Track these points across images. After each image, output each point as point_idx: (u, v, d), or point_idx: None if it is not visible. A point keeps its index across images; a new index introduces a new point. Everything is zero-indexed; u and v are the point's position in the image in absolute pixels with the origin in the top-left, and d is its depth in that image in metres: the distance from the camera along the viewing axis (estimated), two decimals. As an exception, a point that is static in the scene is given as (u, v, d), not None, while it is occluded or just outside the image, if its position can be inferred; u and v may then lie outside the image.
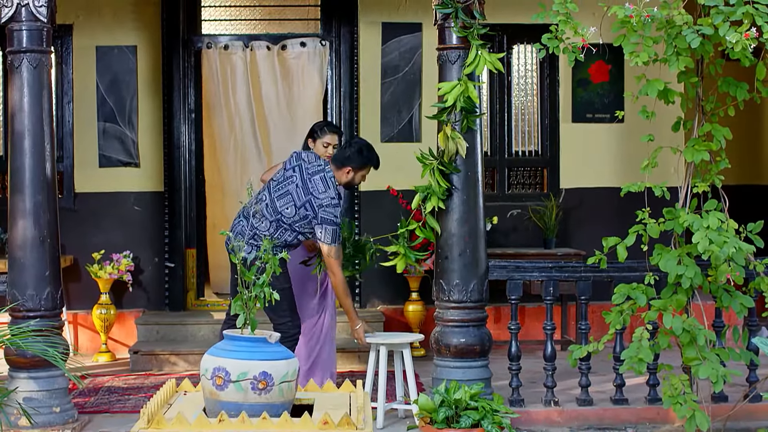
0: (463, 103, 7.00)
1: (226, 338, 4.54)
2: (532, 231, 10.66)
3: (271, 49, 10.73)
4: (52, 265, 7.15)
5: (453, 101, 7.00)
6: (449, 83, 7.05)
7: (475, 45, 7.01)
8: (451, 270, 7.21)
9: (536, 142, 10.92)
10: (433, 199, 7.02)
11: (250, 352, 4.42)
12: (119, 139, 10.44)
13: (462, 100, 7.00)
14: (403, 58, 10.53)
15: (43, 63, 7.12)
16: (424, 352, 10.10)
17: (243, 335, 4.44)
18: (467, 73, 7.04)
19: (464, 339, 7.20)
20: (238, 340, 4.46)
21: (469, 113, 7.07)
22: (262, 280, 4.16)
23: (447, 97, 7.03)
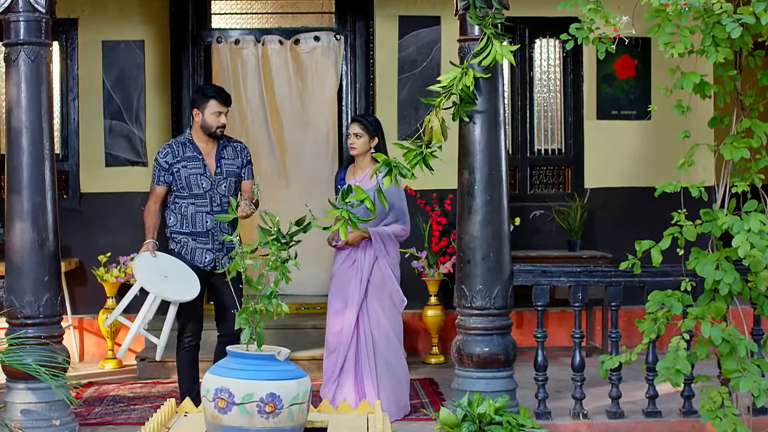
0: (460, 91, 6.59)
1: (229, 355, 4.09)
2: (555, 232, 10.28)
3: (284, 43, 10.37)
4: (51, 270, 6.76)
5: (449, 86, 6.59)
6: (453, 70, 6.65)
7: (488, 34, 6.59)
8: (473, 275, 6.81)
9: (559, 140, 10.56)
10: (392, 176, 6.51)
11: (256, 371, 3.97)
12: (126, 138, 10.10)
13: (459, 88, 6.59)
14: (420, 53, 10.15)
15: (41, 56, 6.74)
16: (444, 358, 9.74)
17: (248, 352, 4.01)
18: (472, 62, 6.64)
19: (488, 348, 6.80)
20: (243, 357, 4.01)
21: (463, 103, 6.66)
22: (269, 290, 3.75)
23: (444, 81, 6.64)
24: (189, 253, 7.41)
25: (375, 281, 7.55)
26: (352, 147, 7.60)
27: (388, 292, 7.56)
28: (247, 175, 7.55)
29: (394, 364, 7.52)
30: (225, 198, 7.44)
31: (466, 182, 6.84)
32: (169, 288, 7.08)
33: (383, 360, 7.48)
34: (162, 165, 7.43)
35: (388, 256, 7.55)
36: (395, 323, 7.61)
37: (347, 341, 7.48)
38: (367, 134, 7.57)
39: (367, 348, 7.47)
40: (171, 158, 7.41)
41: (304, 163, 10.40)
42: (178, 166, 7.41)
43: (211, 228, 7.40)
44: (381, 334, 7.49)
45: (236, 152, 7.53)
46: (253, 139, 10.44)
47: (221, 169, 7.44)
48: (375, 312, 7.53)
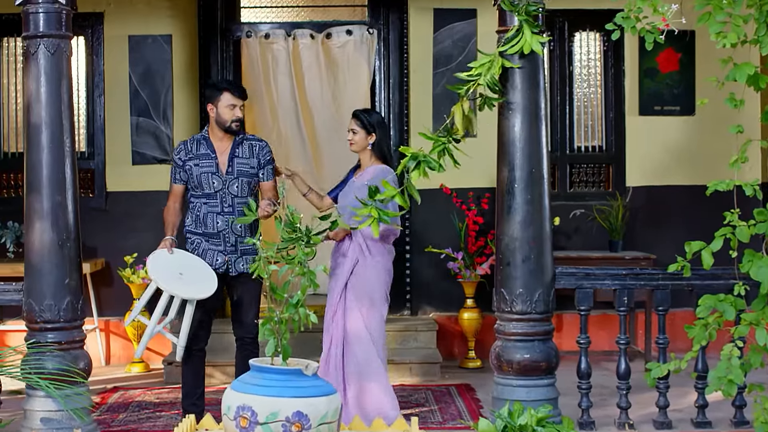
0: (488, 80, 6.26)
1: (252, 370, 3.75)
2: (596, 232, 9.96)
3: (315, 37, 10.08)
4: (72, 272, 6.47)
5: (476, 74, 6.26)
6: (483, 58, 6.32)
7: (520, 21, 6.26)
8: (513, 278, 6.48)
9: (600, 136, 10.24)
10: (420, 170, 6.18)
11: (281, 387, 3.62)
12: (153, 135, 9.86)
13: (487, 77, 6.25)
14: (456, 47, 9.85)
15: (61, 49, 6.45)
16: (480, 363, 9.44)
17: (273, 366, 3.66)
18: (502, 51, 6.31)
19: (528, 355, 6.47)
20: (267, 372, 3.66)
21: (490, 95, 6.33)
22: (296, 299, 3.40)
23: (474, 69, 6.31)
24: (201, 254, 7.14)
25: (354, 280, 7.18)
26: (350, 142, 7.32)
27: (368, 295, 7.16)
28: (266, 176, 7.22)
29: (364, 367, 7.09)
30: (238, 198, 7.12)
31: (505, 180, 6.51)
32: (183, 285, 6.80)
33: (354, 360, 7.12)
34: (177, 162, 7.20)
35: (369, 254, 7.16)
36: (373, 325, 7.15)
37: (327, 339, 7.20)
38: (364, 130, 7.25)
39: (337, 350, 7.14)
40: (184, 155, 7.17)
41: (336, 162, 10.06)
42: (191, 163, 7.14)
43: (222, 229, 7.11)
44: (353, 333, 7.12)
45: (252, 151, 7.20)
46: (284, 138, 10.17)
47: (233, 168, 7.13)
48: (351, 311, 7.15)
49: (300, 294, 3.48)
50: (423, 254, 9.65)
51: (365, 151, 7.26)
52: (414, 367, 8.99)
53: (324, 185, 10.12)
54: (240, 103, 7.12)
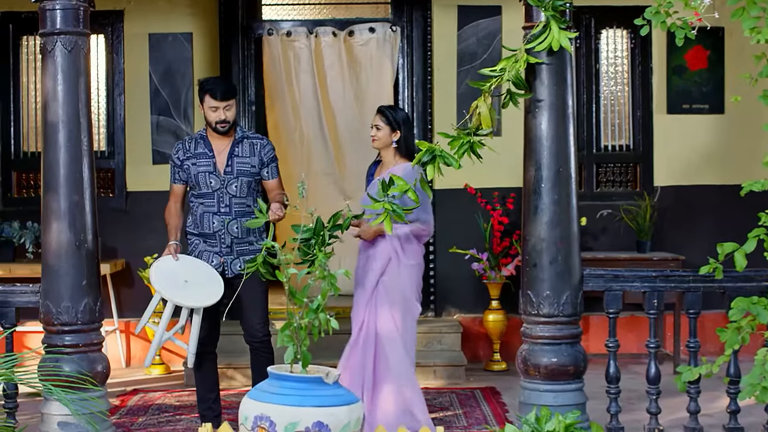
0: (513, 77, 6.10)
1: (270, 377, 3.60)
2: (623, 233, 9.79)
3: (338, 35, 9.95)
4: (90, 273, 6.35)
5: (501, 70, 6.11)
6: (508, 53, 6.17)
7: (547, 16, 6.10)
8: (540, 279, 6.31)
9: (627, 135, 10.07)
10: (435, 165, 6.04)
11: (301, 396, 3.47)
12: (174, 134, 9.75)
13: (511, 73, 6.10)
14: (480, 45, 9.70)
15: (79, 46, 6.32)
16: (506, 366, 9.29)
17: (292, 374, 3.51)
18: (528, 47, 6.15)
19: (556, 358, 6.30)
20: (286, 380, 3.51)
21: (515, 91, 6.17)
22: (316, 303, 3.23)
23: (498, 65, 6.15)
24: (198, 255, 7.04)
25: (387, 282, 6.98)
26: (373, 139, 7.12)
27: (400, 296, 6.98)
28: (270, 174, 7.06)
29: (395, 369, 6.90)
30: (236, 199, 6.98)
31: (532, 180, 6.35)
32: (188, 293, 6.68)
33: (384, 362, 6.94)
34: (175, 162, 7.08)
35: (404, 256, 6.98)
36: (404, 327, 6.97)
37: (352, 341, 7.01)
38: (389, 127, 7.05)
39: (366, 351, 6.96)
40: (182, 154, 7.04)
41: (359, 163, 9.91)
42: (188, 163, 7.02)
43: (218, 230, 6.98)
44: (384, 335, 6.92)
45: (254, 149, 7.02)
46: (306, 138, 10.05)
47: (232, 167, 6.97)
48: (383, 312, 6.95)
49: (320, 298, 3.31)
50: (447, 255, 9.50)
51: (388, 148, 7.08)
52: (438, 369, 8.85)
53: (346, 187, 10.01)
54: (222, 104, 6.89)
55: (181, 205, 7.13)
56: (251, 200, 6.98)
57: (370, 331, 6.95)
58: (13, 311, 6.46)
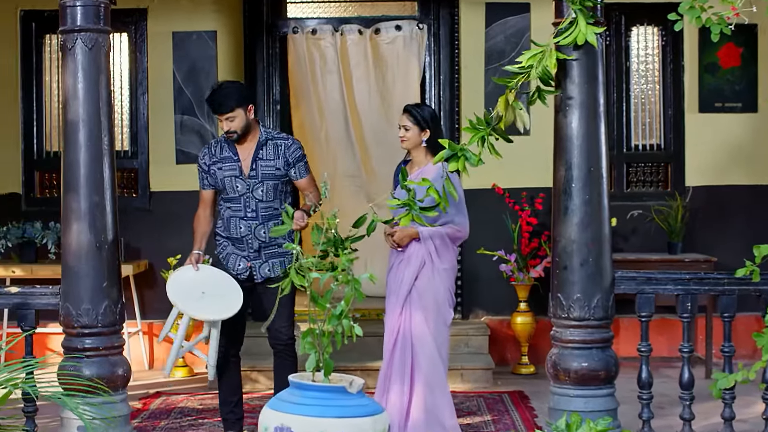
0: (540, 72, 5.93)
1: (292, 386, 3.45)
2: (654, 234, 9.62)
3: (363, 33, 9.82)
4: (110, 275, 6.22)
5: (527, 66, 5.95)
6: (535, 49, 6.01)
7: (575, 11, 5.94)
8: (570, 282, 6.15)
9: (658, 134, 9.91)
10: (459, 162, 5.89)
11: (323, 406, 3.32)
12: (198, 133, 9.65)
13: (539, 69, 5.93)
14: (509, 42, 9.55)
15: (99, 44, 6.20)
16: (534, 369, 9.14)
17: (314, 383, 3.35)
18: (555, 42, 5.98)
19: (586, 363, 6.13)
20: (308, 389, 3.35)
21: (543, 87, 6.00)
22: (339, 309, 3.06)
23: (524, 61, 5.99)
24: (225, 258, 6.94)
25: (420, 287, 6.77)
26: (402, 140, 6.90)
27: (434, 301, 6.79)
28: (298, 173, 6.89)
29: (428, 374, 6.72)
30: (262, 203, 6.85)
31: (562, 180, 6.18)
32: (205, 306, 6.58)
33: (417, 366, 6.77)
34: (202, 167, 6.93)
35: (439, 260, 6.79)
36: (437, 331, 6.78)
37: (389, 347, 6.80)
38: (417, 126, 6.84)
39: (404, 356, 6.78)
40: (208, 159, 6.90)
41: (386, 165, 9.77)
42: (215, 168, 6.88)
43: (245, 235, 6.85)
44: (417, 338, 6.75)
45: (278, 151, 6.84)
46: (332, 140, 9.93)
47: (256, 171, 6.82)
48: (416, 315, 6.75)
49: (344, 304, 3.13)
50: (475, 256, 9.34)
51: (419, 148, 6.90)
52: (465, 373, 8.69)
53: (372, 190, 9.86)
54: (222, 117, 6.75)
55: (211, 211, 6.99)
56: (279, 203, 6.84)
57: (407, 338, 6.78)
58: (33, 313, 6.34)
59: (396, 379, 6.74)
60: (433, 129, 6.87)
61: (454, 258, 6.91)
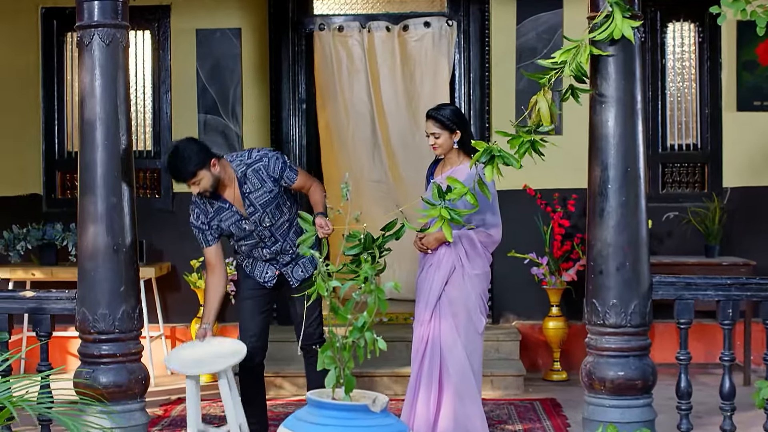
0: (574, 69, 5.66)
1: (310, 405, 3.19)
2: (690, 236, 9.35)
3: (391, 30, 9.58)
4: (128, 279, 5.98)
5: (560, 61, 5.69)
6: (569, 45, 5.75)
7: (610, 4, 5.67)
8: (606, 287, 5.88)
9: (695, 134, 9.63)
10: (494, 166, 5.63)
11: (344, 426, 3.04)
12: (222, 133, 9.44)
13: (572, 65, 5.67)
14: (540, 39, 9.30)
15: (117, 39, 5.97)
16: (566, 375, 8.87)
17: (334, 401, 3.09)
18: (590, 37, 5.72)
19: (623, 372, 5.86)
20: (328, 408, 3.08)
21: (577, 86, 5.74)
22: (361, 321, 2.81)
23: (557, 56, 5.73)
24: (253, 268, 6.74)
25: (450, 293, 6.50)
26: (434, 147, 6.60)
27: (464, 307, 6.51)
28: (289, 180, 6.57)
29: (458, 382, 6.45)
30: (275, 226, 6.61)
31: (597, 180, 5.91)
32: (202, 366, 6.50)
33: (447, 374, 6.50)
34: (200, 228, 6.67)
35: (469, 265, 6.52)
36: (468, 338, 6.50)
37: (418, 356, 6.54)
38: (447, 131, 6.54)
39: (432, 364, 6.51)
40: (204, 218, 6.65)
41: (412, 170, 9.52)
42: (215, 222, 6.62)
43: (271, 258, 6.69)
44: (447, 351, 6.48)
45: (261, 176, 6.50)
46: (358, 142, 9.70)
47: (253, 205, 6.54)
48: (445, 322, 6.48)
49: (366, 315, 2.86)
50: (505, 259, 9.07)
51: (452, 150, 6.67)
52: (496, 379, 8.44)
53: (399, 195, 9.61)
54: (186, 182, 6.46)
55: (222, 273, 6.71)
56: (288, 212, 6.63)
57: (435, 346, 6.51)
58: (49, 319, 6.13)
59: (423, 388, 6.49)
60: (463, 128, 6.61)
61: (486, 264, 6.63)
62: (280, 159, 6.56)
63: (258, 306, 6.76)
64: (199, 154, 6.37)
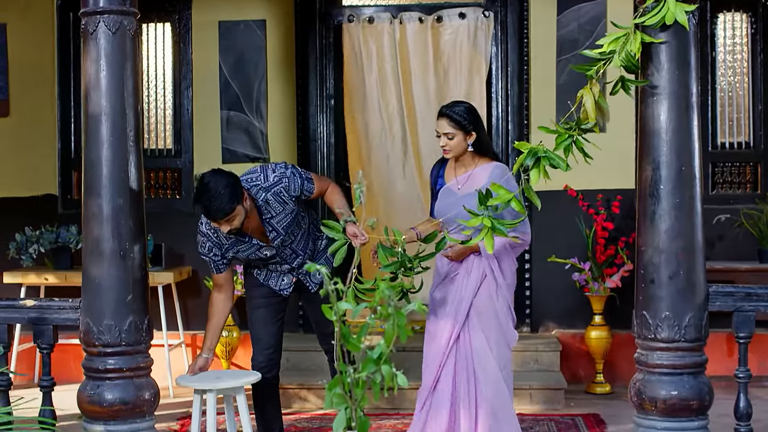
0: (623, 59, 5.14)
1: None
2: (742, 240, 8.83)
3: (424, 21, 9.06)
4: (136, 288, 5.48)
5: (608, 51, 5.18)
6: (617, 32, 5.23)
7: None
8: (658, 298, 5.34)
9: (747, 131, 9.11)
10: (540, 168, 5.12)
11: None
12: (246, 131, 8.98)
13: (622, 55, 5.15)
14: (582, 31, 8.77)
15: (125, 27, 5.49)
16: (610, 388, 8.35)
17: None
18: (640, 22, 5.19)
19: (676, 391, 5.33)
20: None
21: (629, 78, 5.22)
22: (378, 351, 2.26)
23: (605, 45, 5.20)
24: (266, 277, 6.26)
25: (479, 305, 5.88)
26: (446, 150, 5.94)
27: (496, 320, 5.90)
28: (308, 191, 6.04)
29: (491, 396, 5.85)
30: (296, 242, 6.13)
31: (648, 181, 5.37)
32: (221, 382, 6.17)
33: (485, 398, 5.94)
34: (212, 259, 6.14)
35: (501, 275, 5.90)
36: (500, 350, 5.90)
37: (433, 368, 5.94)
38: (462, 131, 5.90)
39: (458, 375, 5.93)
40: (218, 250, 6.11)
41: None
42: (230, 254, 6.10)
43: (291, 271, 6.23)
44: (480, 367, 5.88)
45: (281, 198, 5.96)
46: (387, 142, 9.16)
47: (275, 230, 6.02)
48: (475, 334, 5.88)
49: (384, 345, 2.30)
50: (545, 264, 8.57)
51: (465, 153, 6.05)
52: (534, 393, 7.91)
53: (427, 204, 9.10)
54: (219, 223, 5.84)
55: (229, 292, 6.24)
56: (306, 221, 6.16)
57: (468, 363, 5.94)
58: (51, 329, 5.67)
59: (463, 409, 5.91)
60: (478, 129, 5.98)
61: (515, 271, 6.06)
62: (296, 174, 6.01)
63: (271, 315, 6.28)
64: (234, 187, 5.78)
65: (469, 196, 5.67)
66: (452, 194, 5.93)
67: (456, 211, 5.73)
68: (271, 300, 6.26)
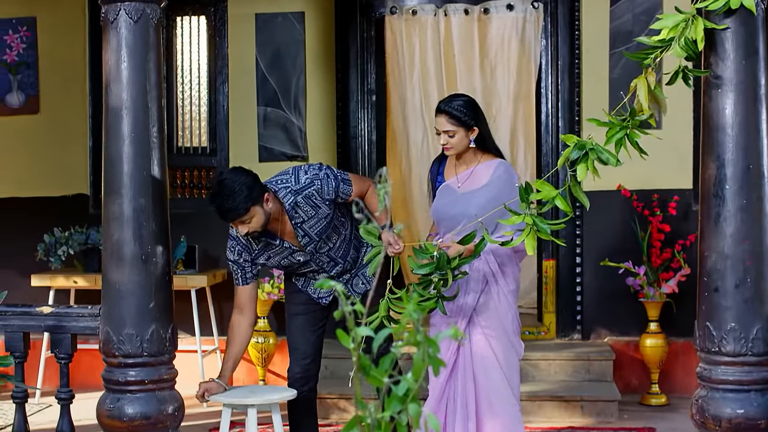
0: (682, 47, 4.71)
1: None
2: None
3: (470, 13, 8.65)
4: (159, 294, 5.13)
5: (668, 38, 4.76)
6: (676, 17, 4.81)
7: None
8: (722, 307, 4.91)
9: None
10: (588, 163, 4.71)
11: None
12: (283, 128, 8.63)
13: (681, 42, 4.72)
14: (637, 22, 8.31)
15: (147, 15, 5.15)
16: (666, 399, 7.91)
17: None
18: (703, 6, 4.77)
19: (742, 410, 4.89)
20: None
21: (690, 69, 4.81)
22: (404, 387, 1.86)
23: (663, 32, 4.79)
24: (301, 280, 5.89)
25: (482, 314, 5.45)
26: (446, 148, 5.50)
27: (501, 330, 5.45)
28: (345, 194, 5.62)
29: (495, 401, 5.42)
30: (335, 249, 5.73)
31: (712, 180, 4.95)
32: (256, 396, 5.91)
33: (482, 393, 5.48)
34: (241, 265, 5.72)
35: (504, 280, 5.46)
36: (504, 355, 5.45)
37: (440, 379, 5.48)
38: (463, 128, 5.45)
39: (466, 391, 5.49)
40: (247, 255, 5.69)
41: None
42: (260, 261, 5.70)
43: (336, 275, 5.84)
44: (481, 370, 5.44)
45: (313, 202, 5.54)
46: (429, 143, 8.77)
47: (308, 235, 5.61)
48: (477, 339, 5.45)
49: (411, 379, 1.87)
50: (598, 268, 8.13)
51: (467, 149, 5.58)
52: (586, 405, 7.48)
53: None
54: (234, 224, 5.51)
55: (252, 315, 5.84)
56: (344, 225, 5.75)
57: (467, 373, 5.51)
58: (69, 338, 5.36)
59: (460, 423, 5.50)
60: (480, 123, 5.53)
61: (518, 277, 5.59)
62: (331, 176, 5.59)
63: (310, 323, 5.89)
64: (251, 187, 5.38)
65: (470, 195, 5.39)
66: (452, 192, 5.52)
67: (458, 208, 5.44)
68: (310, 307, 5.87)
